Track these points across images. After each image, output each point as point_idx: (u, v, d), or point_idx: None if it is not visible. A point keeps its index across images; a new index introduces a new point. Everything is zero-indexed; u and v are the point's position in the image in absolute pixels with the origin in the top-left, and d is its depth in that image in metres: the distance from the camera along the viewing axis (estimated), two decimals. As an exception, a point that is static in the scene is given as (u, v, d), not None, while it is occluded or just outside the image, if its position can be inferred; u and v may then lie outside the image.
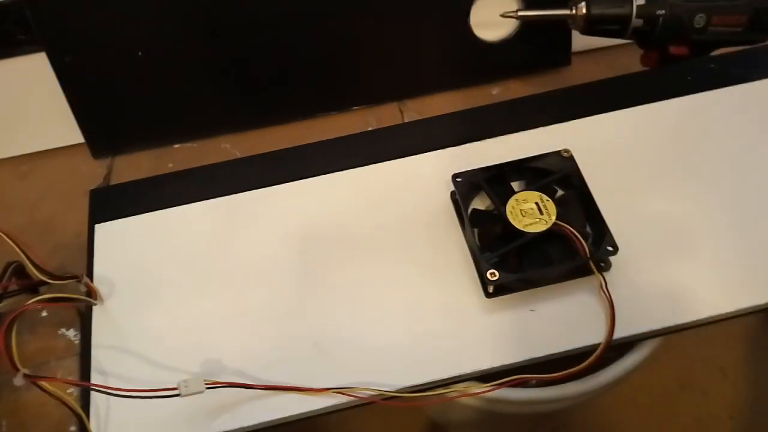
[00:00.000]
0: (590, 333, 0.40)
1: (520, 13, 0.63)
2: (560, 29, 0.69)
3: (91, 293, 0.45)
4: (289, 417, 0.40)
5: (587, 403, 0.45)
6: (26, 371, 0.35)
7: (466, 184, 0.45)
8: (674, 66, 0.58)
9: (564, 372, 0.39)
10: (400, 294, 0.44)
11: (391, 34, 0.70)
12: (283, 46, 0.69)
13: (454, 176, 0.45)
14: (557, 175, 0.45)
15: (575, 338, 0.40)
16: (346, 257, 0.46)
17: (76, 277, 0.45)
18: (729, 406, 0.53)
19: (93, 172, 0.71)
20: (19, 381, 0.34)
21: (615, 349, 0.42)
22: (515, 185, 0.47)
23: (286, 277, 0.45)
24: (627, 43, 0.62)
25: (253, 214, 0.49)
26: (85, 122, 0.70)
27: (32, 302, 0.41)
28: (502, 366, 0.40)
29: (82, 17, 0.64)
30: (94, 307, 0.45)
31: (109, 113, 0.70)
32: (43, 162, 0.73)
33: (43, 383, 0.37)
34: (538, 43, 0.72)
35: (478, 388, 0.40)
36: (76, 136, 0.71)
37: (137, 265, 0.47)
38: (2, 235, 0.42)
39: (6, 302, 0.45)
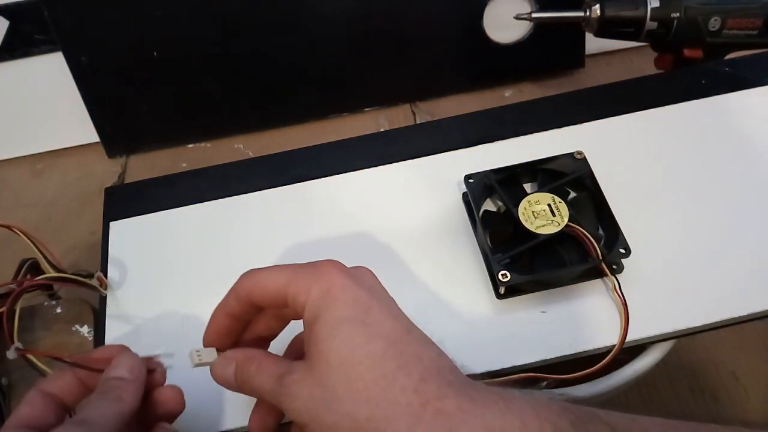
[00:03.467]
0: (601, 335, 0.40)
1: (534, 15, 0.63)
2: (574, 31, 0.69)
3: (103, 286, 0.45)
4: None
5: (597, 406, 0.44)
6: (19, 345, 0.35)
7: (478, 186, 0.45)
8: (688, 69, 0.58)
9: (579, 373, 0.39)
10: (411, 294, 0.44)
11: (404, 35, 0.70)
12: (297, 47, 0.69)
13: (467, 177, 0.45)
14: (570, 177, 0.45)
15: (586, 340, 0.40)
16: (357, 257, 0.46)
17: (90, 275, 0.45)
18: (741, 411, 0.52)
19: (108, 170, 0.72)
20: (11, 354, 0.35)
21: (626, 352, 0.42)
22: (527, 187, 0.47)
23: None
24: (641, 46, 0.62)
25: (265, 213, 0.49)
26: (100, 121, 0.70)
27: (41, 278, 0.42)
28: (513, 367, 0.40)
29: (98, 18, 0.65)
30: (107, 305, 0.46)
31: (124, 113, 0.71)
32: (58, 160, 0.74)
33: (34, 358, 0.37)
34: (551, 45, 0.72)
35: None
36: (91, 135, 0.72)
37: (151, 263, 0.47)
38: (18, 232, 0.43)
39: (21, 299, 0.46)
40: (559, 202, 0.42)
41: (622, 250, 0.41)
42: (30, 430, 0.31)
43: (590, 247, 0.41)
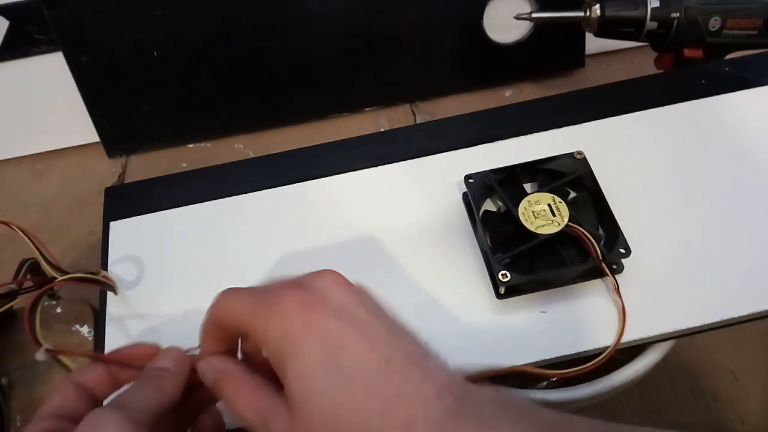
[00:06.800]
0: (602, 335, 0.40)
1: (534, 15, 0.63)
2: (574, 31, 0.69)
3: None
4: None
5: (597, 406, 0.45)
6: (49, 346, 0.35)
7: (478, 186, 0.45)
8: (688, 69, 0.58)
9: (566, 371, 0.39)
10: (411, 294, 0.44)
11: (404, 35, 0.70)
12: (297, 47, 0.69)
13: (467, 177, 0.45)
14: (570, 177, 0.45)
15: (587, 340, 0.40)
16: (357, 257, 0.46)
17: (91, 274, 0.45)
18: (740, 411, 0.52)
19: (108, 170, 0.72)
20: (41, 356, 0.34)
21: (626, 351, 0.42)
22: (527, 187, 0.47)
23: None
24: (641, 46, 0.62)
25: (264, 213, 0.49)
26: (100, 121, 0.71)
27: (60, 280, 0.42)
28: (512, 367, 0.40)
29: (98, 17, 0.65)
30: (108, 304, 0.46)
31: (125, 113, 0.71)
32: (58, 160, 0.74)
33: (63, 357, 0.37)
34: (551, 45, 0.72)
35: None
36: (91, 135, 0.72)
37: (151, 263, 0.47)
38: (17, 229, 0.43)
39: (21, 298, 0.46)
40: (559, 202, 0.42)
41: (622, 250, 0.41)
42: (61, 420, 0.31)
43: (590, 247, 0.41)
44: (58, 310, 0.50)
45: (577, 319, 0.41)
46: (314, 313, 0.28)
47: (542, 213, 0.42)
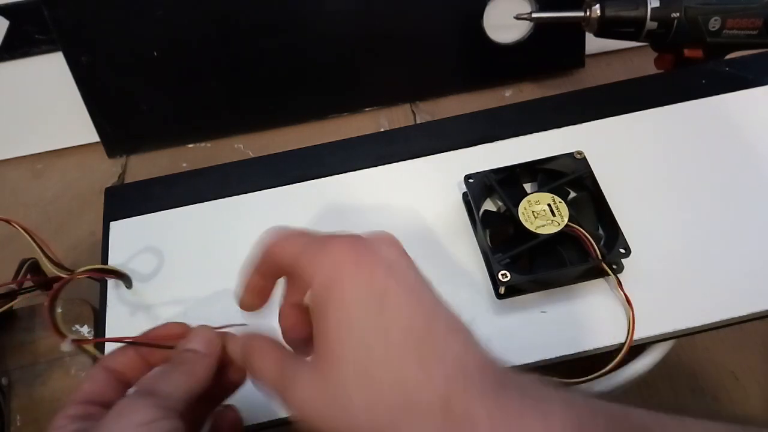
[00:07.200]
0: (602, 335, 0.40)
1: (534, 15, 0.63)
2: (574, 31, 0.69)
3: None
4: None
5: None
6: (74, 336, 0.35)
7: (478, 186, 0.45)
8: (688, 69, 0.58)
9: (591, 376, 0.39)
10: (411, 294, 0.44)
11: (404, 35, 0.70)
12: (297, 47, 0.69)
13: (467, 177, 0.45)
14: (570, 177, 0.45)
15: (586, 340, 0.40)
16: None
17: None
18: (741, 411, 0.52)
19: (108, 170, 0.72)
20: (66, 347, 0.34)
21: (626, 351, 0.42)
22: (527, 187, 0.47)
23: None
24: (641, 46, 0.62)
25: (265, 213, 0.49)
26: (100, 121, 0.70)
27: (80, 271, 0.42)
28: (512, 368, 0.40)
29: (98, 17, 0.65)
30: (108, 304, 0.46)
31: (125, 113, 0.71)
32: (58, 160, 0.74)
33: (87, 346, 0.37)
34: (551, 45, 0.72)
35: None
36: (91, 135, 0.72)
37: (151, 263, 0.47)
38: (17, 226, 0.42)
39: (21, 298, 0.46)
40: (559, 202, 0.42)
41: (622, 250, 0.41)
42: (92, 406, 0.31)
43: (590, 247, 0.41)
44: (58, 309, 0.49)
45: (577, 319, 0.41)
46: (364, 260, 0.28)
47: (542, 213, 0.42)
